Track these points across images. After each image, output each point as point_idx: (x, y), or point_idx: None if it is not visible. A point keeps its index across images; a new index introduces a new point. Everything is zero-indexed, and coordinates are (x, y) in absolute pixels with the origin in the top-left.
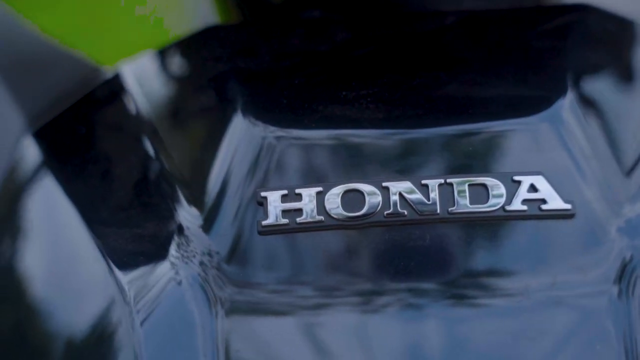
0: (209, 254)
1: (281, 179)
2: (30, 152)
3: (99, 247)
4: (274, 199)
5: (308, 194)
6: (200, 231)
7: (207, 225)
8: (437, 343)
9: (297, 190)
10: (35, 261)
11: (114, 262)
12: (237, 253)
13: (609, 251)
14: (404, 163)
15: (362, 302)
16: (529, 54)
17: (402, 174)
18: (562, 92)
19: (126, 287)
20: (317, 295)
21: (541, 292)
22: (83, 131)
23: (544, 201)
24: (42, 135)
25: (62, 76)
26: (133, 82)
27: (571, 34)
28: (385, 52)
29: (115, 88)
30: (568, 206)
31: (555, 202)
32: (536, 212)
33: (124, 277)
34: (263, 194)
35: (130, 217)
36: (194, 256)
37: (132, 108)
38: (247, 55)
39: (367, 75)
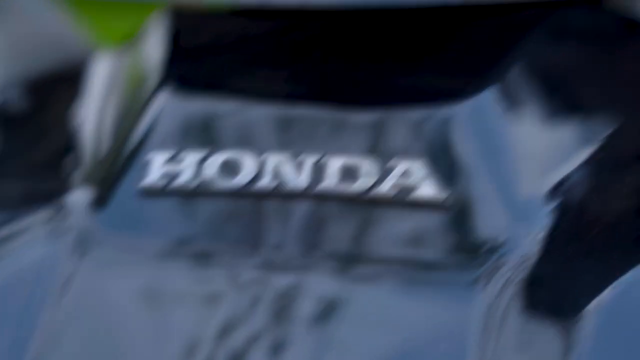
0: (91, 212)
1: (178, 145)
2: None
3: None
4: (158, 161)
5: (189, 159)
6: (89, 190)
7: (101, 184)
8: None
9: (181, 155)
10: None
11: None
12: (116, 211)
13: (474, 249)
14: (294, 139)
15: (213, 268)
16: (471, 49)
17: (285, 148)
18: (487, 86)
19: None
20: (172, 257)
21: (388, 281)
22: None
23: (414, 188)
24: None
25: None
26: (101, 64)
27: (523, 30)
28: (325, 39)
29: (84, 69)
30: (441, 196)
31: (426, 191)
32: (402, 199)
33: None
34: (149, 155)
35: (33, 174)
36: (73, 213)
37: (87, 87)
38: (198, 38)
39: (296, 58)
